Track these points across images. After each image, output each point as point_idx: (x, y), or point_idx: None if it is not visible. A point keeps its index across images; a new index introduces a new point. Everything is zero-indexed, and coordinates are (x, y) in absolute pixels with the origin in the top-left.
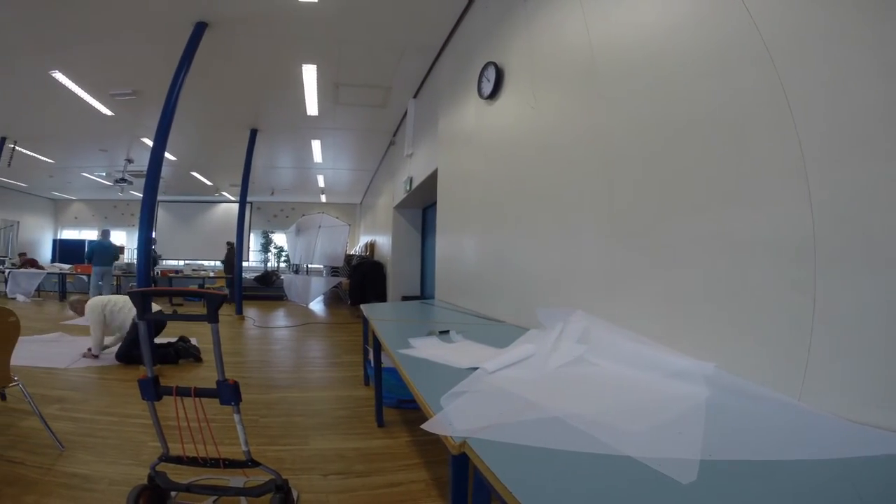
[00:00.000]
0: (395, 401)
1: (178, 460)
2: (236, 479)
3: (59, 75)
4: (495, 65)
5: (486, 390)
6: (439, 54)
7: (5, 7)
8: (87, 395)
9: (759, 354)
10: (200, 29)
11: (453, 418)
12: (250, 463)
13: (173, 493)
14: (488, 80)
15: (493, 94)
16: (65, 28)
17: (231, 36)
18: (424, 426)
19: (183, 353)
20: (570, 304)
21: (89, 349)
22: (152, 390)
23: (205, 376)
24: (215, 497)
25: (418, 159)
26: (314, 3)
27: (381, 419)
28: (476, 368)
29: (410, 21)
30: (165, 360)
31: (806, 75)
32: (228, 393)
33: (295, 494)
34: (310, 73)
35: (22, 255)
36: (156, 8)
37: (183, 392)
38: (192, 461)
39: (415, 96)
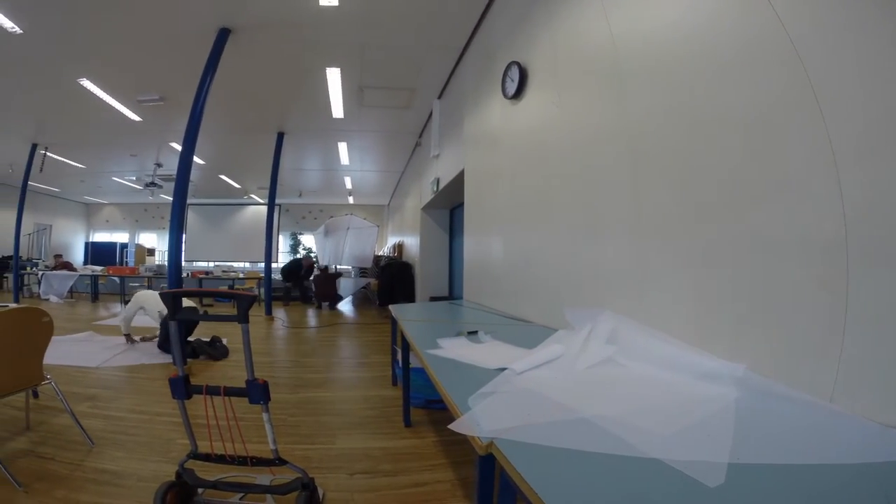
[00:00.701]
0: (422, 401)
1: (207, 458)
2: (263, 477)
3: (86, 83)
4: (518, 64)
5: (514, 391)
6: (462, 55)
7: (32, 18)
8: (117, 393)
9: (789, 355)
10: (224, 35)
11: (481, 419)
12: (277, 461)
13: (200, 490)
14: (512, 80)
15: (518, 94)
16: (91, 37)
17: (254, 41)
18: (452, 426)
19: (200, 350)
20: (598, 305)
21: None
22: (182, 389)
23: (234, 375)
24: (242, 494)
25: (445, 160)
26: (335, 6)
27: (408, 419)
28: (504, 369)
29: (431, 22)
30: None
31: (834, 72)
32: (258, 392)
33: (321, 493)
34: (334, 76)
35: (57, 256)
36: (179, 15)
37: (213, 391)
38: (220, 459)
39: (439, 97)
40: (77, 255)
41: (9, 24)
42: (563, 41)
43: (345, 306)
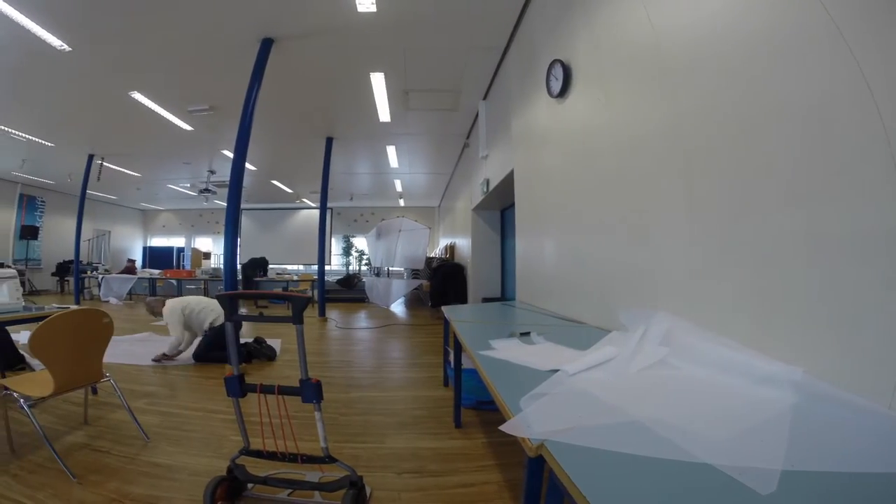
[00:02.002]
0: (473, 402)
1: (258, 454)
2: (312, 474)
3: (137, 95)
4: (562, 62)
5: (566, 393)
6: (504, 54)
7: (79, 36)
8: (174, 391)
9: (848, 358)
10: (267, 45)
11: (532, 420)
12: (327, 459)
13: (250, 485)
14: (556, 79)
15: (563, 93)
16: (137, 52)
17: (297, 50)
18: (502, 427)
19: (255, 353)
20: (651, 305)
21: (163, 354)
22: (237, 387)
23: (287, 375)
24: (290, 490)
25: (493, 161)
26: (373, 12)
27: (458, 420)
28: (557, 370)
29: (470, 23)
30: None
31: (885, 59)
32: (311, 391)
33: (368, 491)
34: (378, 81)
35: (131, 261)
36: (221, 28)
37: (267, 389)
38: (272, 455)
39: (484, 98)
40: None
41: (57, 43)
42: (604, 37)
43: (397, 307)
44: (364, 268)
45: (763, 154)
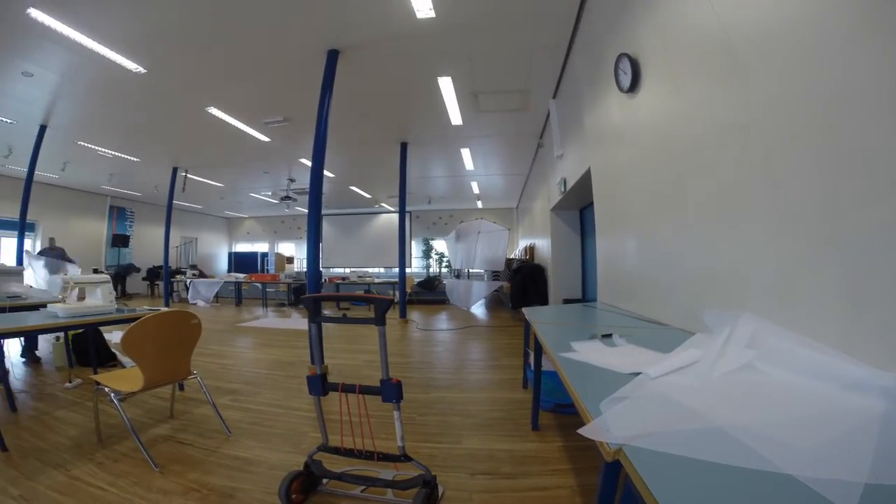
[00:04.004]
0: (551, 405)
1: (336, 451)
2: (386, 472)
3: (214, 110)
4: (629, 56)
5: (647, 396)
6: (569, 52)
7: (151, 58)
8: (258, 388)
9: None
10: (333, 56)
11: (611, 424)
12: (403, 457)
13: (325, 480)
14: (625, 73)
15: (633, 87)
16: (210, 69)
17: (363, 59)
18: (581, 431)
19: None
20: (737, 306)
21: None
22: (319, 386)
23: (368, 374)
24: (363, 486)
25: (569, 160)
26: (433, 18)
27: (536, 422)
28: (638, 373)
29: (530, 22)
30: None
31: None
32: (391, 391)
33: (440, 490)
34: (446, 85)
35: (193, 266)
36: (287, 43)
37: (348, 389)
38: (349, 452)
39: (554, 97)
40: (221, 265)
41: (132, 66)
42: (668, 28)
43: (478, 309)
44: (444, 270)
45: (850, 146)
